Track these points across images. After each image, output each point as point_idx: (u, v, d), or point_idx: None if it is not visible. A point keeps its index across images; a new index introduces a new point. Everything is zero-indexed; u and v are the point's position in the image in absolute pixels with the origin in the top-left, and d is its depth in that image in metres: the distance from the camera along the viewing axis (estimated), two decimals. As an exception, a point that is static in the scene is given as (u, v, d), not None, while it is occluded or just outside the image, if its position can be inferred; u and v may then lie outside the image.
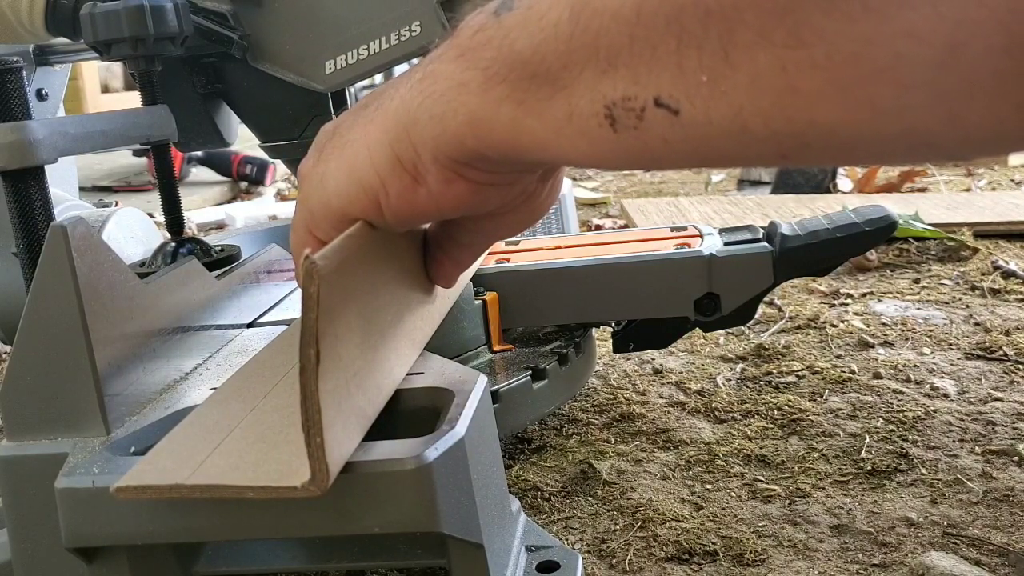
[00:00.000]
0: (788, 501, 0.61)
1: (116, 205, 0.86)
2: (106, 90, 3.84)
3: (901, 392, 0.77)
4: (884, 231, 0.69)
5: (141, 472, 0.35)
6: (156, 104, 0.65)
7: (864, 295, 1.07)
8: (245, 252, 0.68)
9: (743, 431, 0.71)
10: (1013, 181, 1.86)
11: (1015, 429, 0.69)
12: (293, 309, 0.62)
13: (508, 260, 0.73)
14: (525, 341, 0.72)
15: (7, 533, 0.43)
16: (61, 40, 0.73)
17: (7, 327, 0.78)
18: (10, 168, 0.52)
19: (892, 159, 0.29)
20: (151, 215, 0.90)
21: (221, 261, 0.65)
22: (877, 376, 0.81)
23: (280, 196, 2.35)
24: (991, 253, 1.19)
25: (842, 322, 0.96)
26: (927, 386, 0.78)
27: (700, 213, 1.58)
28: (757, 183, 1.98)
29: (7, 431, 0.43)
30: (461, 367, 0.46)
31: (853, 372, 0.82)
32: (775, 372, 0.83)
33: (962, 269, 1.14)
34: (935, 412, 0.72)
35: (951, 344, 0.88)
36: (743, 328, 0.95)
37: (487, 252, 0.70)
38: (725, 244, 0.70)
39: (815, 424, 0.72)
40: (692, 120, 0.29)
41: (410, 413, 0.43)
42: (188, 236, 0.66)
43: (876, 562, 0.53)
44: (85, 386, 0.41)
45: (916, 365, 0.83)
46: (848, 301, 1.05)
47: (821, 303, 1.05)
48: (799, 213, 1.49)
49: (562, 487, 0.65)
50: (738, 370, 0.85)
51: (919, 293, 1.06)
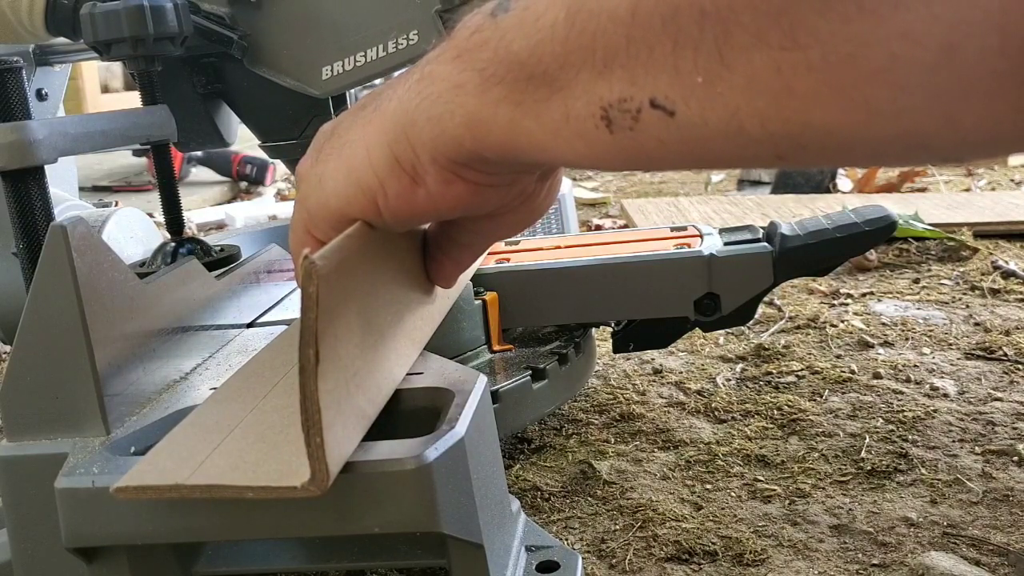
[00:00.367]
0: (788, 501, 0.61)
1: (116, 205, 0.86)
2: (106, 90, 3.84)
3: (901, 392, 0.77)
4: (884, 231, 0.69)
5: (141, 472, 0.35)
6: (156, 104, 0.65)
7: (864, 295, 1.07)
8: (245, 252, 0.68)
9: (743, 431, 0.71)
10: (1013, 181, 1.86)
11: (1015, 429, 0.69)
12: (293, 309, 0.62)
13: (508, 260, 0.73)
14: (525, 341, 0.72)
15: (7, 533, 0.43)
16: (61, 40, 0.73)
17: (7, 327, 0.78)
18: (10, 168, 0.52)
19: (888, 160, 0.29)
20: (151, 215, 0.90)
21: (221, 261, 0.65)
22: (877, 376, 0.81)
23: (280, 196, 2.36)
24: (991, 253, 1.19)
25: (842, 322, 0.96)
26: (927, 386, 0.78)
27: (700, 213, 1.58)
28: (757, 183, 1.99)
29: (7, 431, 0.43)
30: (461, 367, 0.46)
31: (853, 372, 0.82)
32: (775, 372, 0.83)
33: (962, 269, 1.14)
34: (935, 412, 0.72)
35: (951, 344, 0.88)
36: (743, 328, 0.95)
37: (487, 252, 0.70)
38: (725, 244, 0.70)
39: (815, 424, 0.72)
40: (688, 121, 0.29)
41: (410, 413, 0.43)
42: (188, 236, 0.66)
43: (876, 562, 0.53)
44: (85, 386, 0.41)
45: (916, 365, 0.83)
46: (848, 301, 1.05)
47: (821, 303, 1.05)
48: (799, 213, 1.49)
49: (562, 487, 0.65)
50: (738, 370, 0.85)
51: (919, 293, 1.06)
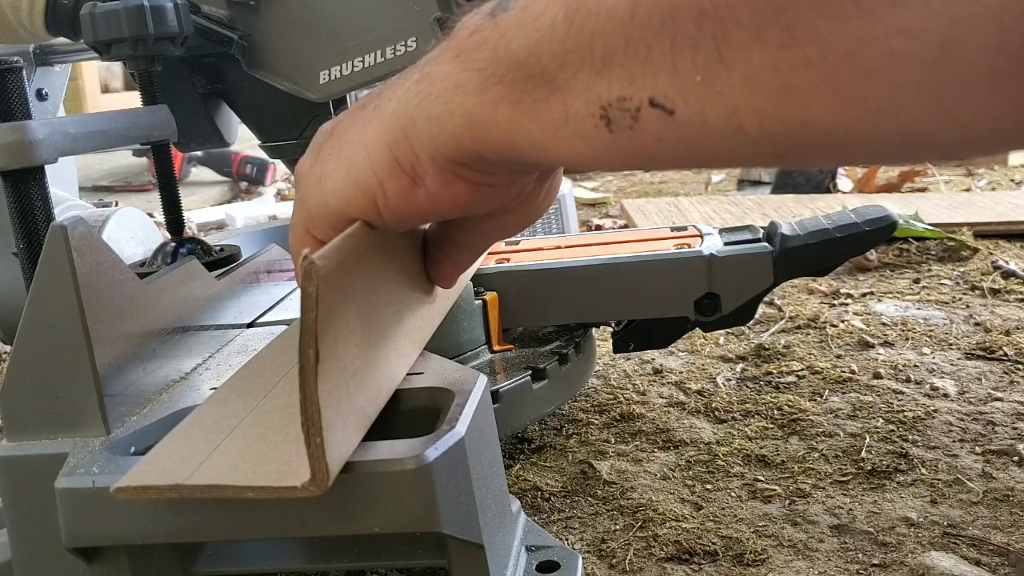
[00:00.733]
0: (788, 501, 0.61)
1: (116, 205, 0.86)
2: (106, 90, 3.84)
3: (901, 392, 0.77)
4: (884, 231, 0.69)
5: (141, 472, 0.35)
6: (156, 104, 0.65)
7: (864, 295, 1.07)
8: (245, 252, 0.68)
9: (743, 431, 0.71)
10: (1013, 181, 1.86)
11: (1015, 429, 0.69)
12: (293, 309, 0.62)
13: (508, 260, 0.73)
14: (525, 341, 0.72)
15: (7, 533, 0.43)
16: (61, 40, 0.74)
17: (7, 327, 0.78)
18: (10, 168, 0.52)
19: (888, 159, 0.29)
20: (151, 215, 0.90)
21: (221, 261, 0.65)
22: (877, 376, 0.81)
23: (280, 196, 2.36)
24: (991, 253, 1.19)
25: (842, 322, 0.96)
26: (927, 386, 0.78)
27: (700, 213, 1.58)
28: (757, 183, 1.98)
29: (7, 431, 0.43)
30: (461, 367, 0.46)
31: (853, 372, 0.82)
32: (775, 372, 0.83)
33: (962, 269, 1.14)
34: (935, 412, 0.72)
35: (951, 344, 0.88)
36: (743, 328, 0.95)
37: (487, 252, 0.70)
38: (725, 244, 0.70)
39: (815, 424, 0.72)
40: (687, 120, 0.29)
41: (410, 413, 0.43)
42: (188, 236, 0.66)
43: (876, 562, 0.53)
44: (85, 386, 0.41)
45: (916, 365, 0.83)
46: (848, 301, 1.05)
47: (821, 303, 1.05)
48: (799, 213, 1.49)
49: (562, 487, 0.65)
50: (738, 370, 0.85)
51: (919, 293, 1.06)
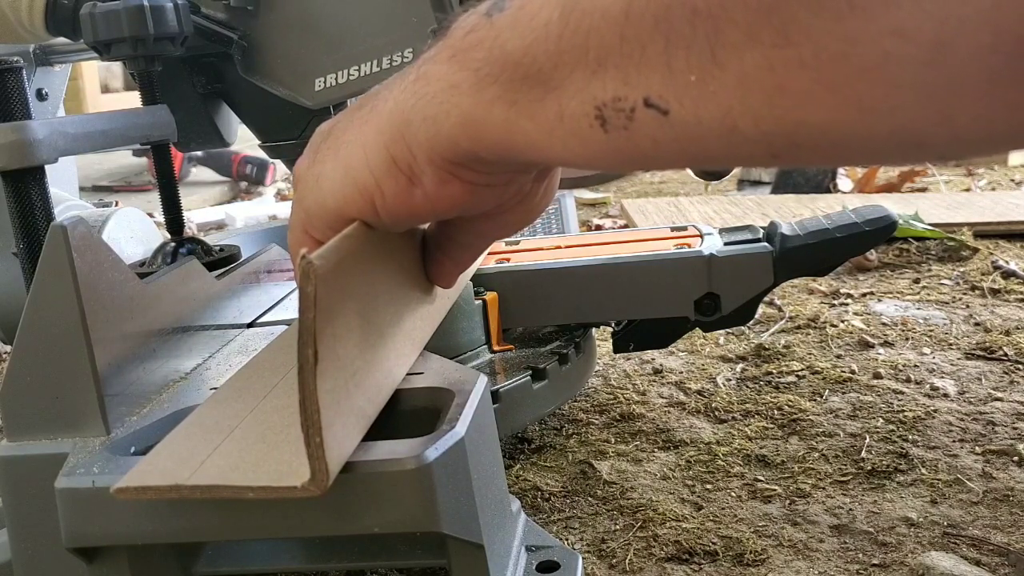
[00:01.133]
0: (788, 501, 0.61)
1: (116, 205, 0.86)
2: (106, 90, 3.84)
3: (901, 392, 0.77)
4: (884, 231, 0.69)
5: (141, 473, 0.35)
6: (156, 104, 0.65)
7: (864, 295, 1.07)
8: (245, 252, 0.68)
9: (743, 431, 0.71)
10: (1013, 181, 1.86)
11: (1015, 429, 0.69)
12: (293, 309, 0.62)
13: (508, 260, 0.73)
14: (525, 341, 0.72)
15: (7, 533, 0.43)
16: (61, 40, 0.73)
17: (7, 327, 0.78)
18: (10, 168, 0.52)
19: (883, 159, 0.29)
20: (151, 215, 0.90)
21: (221, 261, 0.65)
22: (877, 376, 0.81)
23: (280, 196, 2.36)
24: (991, 253, 1.19)
25: (842, 322, 0.96)
26: (927, 386, 0.78)
27: (700, 213, 1.58)
28: (757, 183, 1.98)
29: (7, 431, 0.43)
30: (461, 367, 0.46)
31: (853, 372, 0.82)
32: (775, 372, 0.83)
33: (962, 269, 1.14)
34: (935, 412, 0.72)
35: (951, 344, 0.88)
36: (743, 328, 0.95)
37: (487, 252, 0.70)
38: (725, 244, 0.70)
39: (815, 424, 0.72)
40: (682, 120, 0.29)
41: (410, 413, 0.43)
42: (188, 236, 0.66)
43: (876, 562, 0.53)
44: (85, 386, 0.41)
45: (916, 365, 0.83)
46: (848, 301, 1.05)
47: (821, 303, 1.05)
48: (799, 213, 1.49)
49: (562, 487, 0.65)
50: (738, 370, 0.85)
51: (919, 293, 1.06)
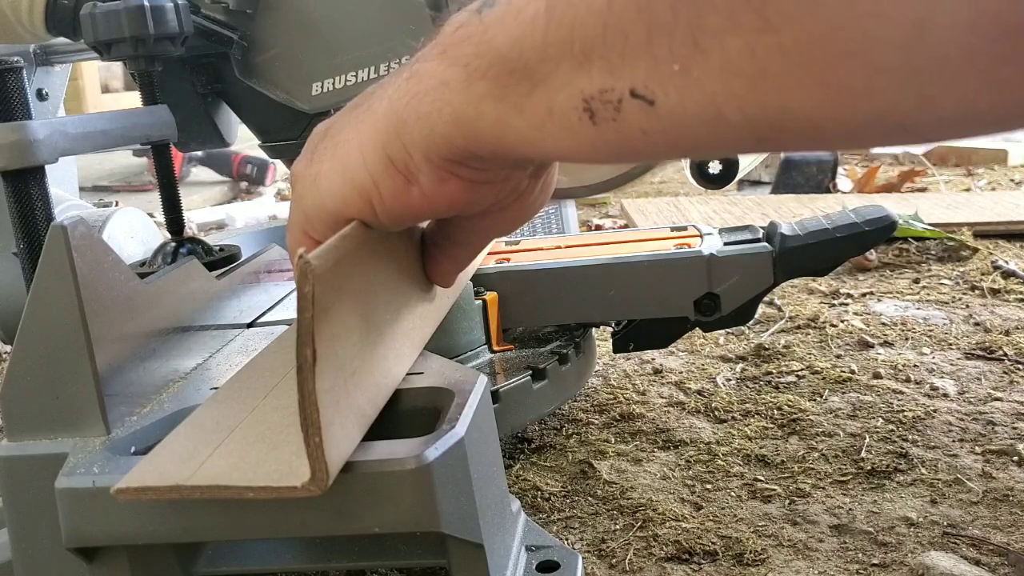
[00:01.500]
0: (788, 501, 0.61)
1: (116, 205, 0.86)
2: (106, 90, 3.84)
3: (901, 392, 0.77)
4: (884, 231, 0.69)
5: (141, 473, 0.35)
6: (156, 104, 0.65)
7: (864, 295, 1.07)
8: (245, 252, 0.68)
9: (743, 431, 0.71)
10: (1013, 181, 1.86)
11: (1015, 429, 0.69)
12: (293, 309, 0.62)
13: (508, 260, 0.73)
14: (525, 341, 0.72)
15: (7, 533, 0.43)
16: (61, 40, 0.74)
17: (7, 327, 0.78)
18: (10, 168, 0.52)
19: (868, 142, 0.28)
20: (151, 215, 0.90)
21: (221, 261, 0.65)
22: (877, 376, 0.81)
23: (280, 196, 2.36)
24: (991, 253, 1.19)
25: (842, 322, 0.96)
26: (927, 386, 0.78)
27: (700, 213, 1.58)
28: (757, 183, 1.98)
29: (7, 431, 0.43)
30: (461, 367, 0.46)
31: (853, 372, 0.82)
32: (775, 372, 0.83)
33: (962, 269, 1.14)
34: (935, 412, 0.72)
35: (951, 344, 0.88)
36: (743, 328, 0.95)
37: (486, 251, 0.70)
38: (725, 244, 0.70)
39: (815, 424, 0.72)
40: (668, 110, 0.29)
41: (410, 413, 0.43)
42: (188, 236, 0.66)
43: (876, 562, 0.53)
44: (85, 386, 0.41)
45: (916, 365, 0.83)
46: (848, 301, 1.05)
47: (821, 303, 1.05)
48: (799, 213, 1.49)
49: (562, 487, 0.65)
50: (738, 370, 0.85)
51: (919, 293, 1.06)
